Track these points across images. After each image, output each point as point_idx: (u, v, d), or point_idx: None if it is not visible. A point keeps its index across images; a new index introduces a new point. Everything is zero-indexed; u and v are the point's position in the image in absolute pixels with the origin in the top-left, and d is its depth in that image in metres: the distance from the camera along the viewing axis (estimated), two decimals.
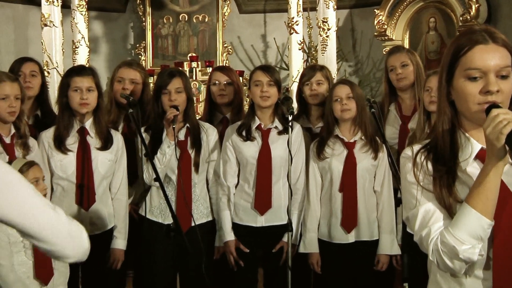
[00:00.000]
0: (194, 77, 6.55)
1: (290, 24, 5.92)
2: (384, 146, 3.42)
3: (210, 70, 5.90)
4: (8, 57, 6.30)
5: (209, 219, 3.56)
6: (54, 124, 3.45)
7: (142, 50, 7.48)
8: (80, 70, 3.45)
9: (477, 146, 1.67)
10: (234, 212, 3.51)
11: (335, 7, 5.81)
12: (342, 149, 3.42)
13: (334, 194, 3.41)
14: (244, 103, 4.08)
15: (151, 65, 7.34)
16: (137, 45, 7.58)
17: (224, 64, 7.05)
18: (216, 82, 3.85)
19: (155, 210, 3.50)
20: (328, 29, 5.75)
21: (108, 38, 7.70)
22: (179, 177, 3.42)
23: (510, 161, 1.60)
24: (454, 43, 1.69)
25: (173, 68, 4.96)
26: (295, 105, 3.91)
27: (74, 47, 6.04)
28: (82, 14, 6.01)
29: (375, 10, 6.69)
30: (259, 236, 3.47)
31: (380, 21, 6.62)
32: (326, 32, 5.74)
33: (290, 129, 3.30)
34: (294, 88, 5.26)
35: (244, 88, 4.64)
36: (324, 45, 5.78)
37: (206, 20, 7.49)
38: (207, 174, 3.59)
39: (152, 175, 3.23)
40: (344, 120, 3.42)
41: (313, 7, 6.23)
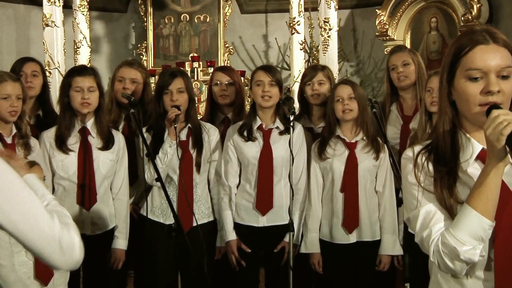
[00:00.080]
0: (195, 77, 6.54)
1: (291, 24, 5.91)
2: (385, 146, 3.42)
3: (211, 70, 5.90)
4: (9, 57, 6.30)
5: (210, 219, 3.56)
6: (55, 124, 3.46)
7: (144, 50, 7.47)
8: (82, 70, 3.45)
9: (478, 147, 1.67)
10: (236, 212, 3.51)
11: (337, 7, 5.80)
12: (343, 149, 3.42)
13: (336, 194, 3.41)
14: (246, 103, 4.08)
15: (152, 65, 7.32)
16: (139, 45, 7.56)
17: (225, 64, 7.03)
18: (218, 82, 3.85)
19: (156, 210, 3.50)
20: (330, 29, 5.74)
21: (110, 38, 7.69)
22: (180, 177, 3.42)
23: (510, 161, 1.60)
24: (455, 44, 1.70)
25: (174, 68, 4.96)
26: (296, 105, 3.91)
27: (75, 47, 6.03)
28: (83, 14, 6.00)
29: (376, 10, 6.68)
30: (261, 236, 3.47)
31: (382, 21, 6.61)
32: (328, 32, 5.73)
33: (291, 129, 3.30)
34: (296, 88, 5.25)
35: (246, 88, 4.64)
36: (326, 45, 5.76)
37: (208, 20, 7.48)
38: (209, 174, 3.59)
39: (154, 175, 3.24)
40: (345, 121, 3.42)
41: (315, 7, 6.22)
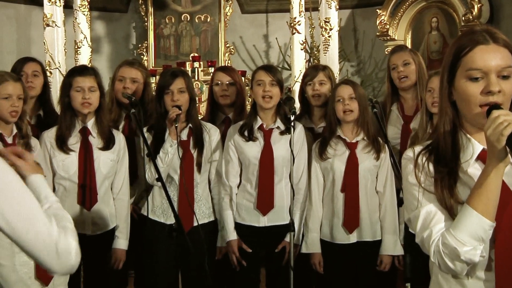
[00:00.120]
0: (196, 77, 6.54)
1: (292, 24, 5.92)
2: (386, 147, 3.42)
3: (212, 70, 5.91)
4: (10, 57, 6.30)
5: (211, 219, 3.56)
6: (56, 124, 3.46)
7: (144, 50, 7.47)
8: (82, 70, 3.45)
9: (478, 147, 1.67)
10: (237, 212, 3.51)
11: (337, 7, 5.81)
12: (344, 149, 3.42)
13: (336, 194, 3.41)
14: (246, 103, 4.08)
15: (153, 65, 7.33)
16: (139, 45, 7.57)
17: (226, 64, 7.04)
18: (219, 82, 3.85)
19: (157, 210, 3.50)
20: (330, 29, 5.74)
21: (110, 38, 7.70)
22: (181, 177, 3.42)
23: (511, 162, 1.59)
24: (455, 44, 1.69)
25: (175, 68, 4.96)
26: (297, 105, 3.91)
27: (76, 47, 6.04)
28: (84, 14, 6.01)
29: (377, 10, 6.68)
30: (262, 236, 3.47)
31: (382, 21, 6.61)
32: (328, 32, 5.73)
33: (292, 129, 3.30)
34: (296, 88, 5.26)
35: (246, 88, 4.63)
36: (326, 45, 5.77)
37: (208, 20, 7.48)
38: (209, 174, 3.59)
39: (155, 174, 3.23)
40: (346, 121, 3.41)
41: (315, 7, 6.23)
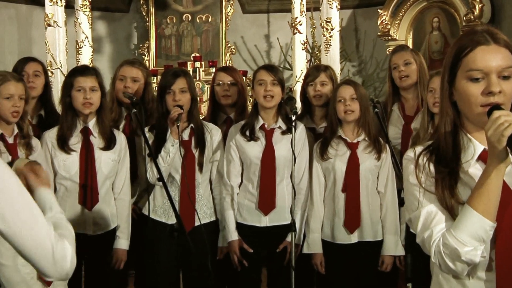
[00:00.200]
0: (197, 77, 6.55)
1: (293, 24, 5.93)
2: (387, 147, 3.42)
3: (213, 70, 5.91)
4: (11, 57, 6.31)
5: (212, 219, 3.56)
6: (57, 124, 3.46)
7: (146, 50, 7.48)
8: (84, 70, 3.45)
9: (479, 148, 1.67)
10: (238, 212, 3.51)
11: (339, 7, 5.81)
12: (345, 149, 3.42)
13: (337, 194, 3.41)
14: (248, 103, 4.08)
15: (154, 65, 7.33)
16: (141, 45, 7.58)
17: (227, 64, 7.04)
18: (220, 82, 3.84)
19: (158, 209, 3.50)
20: (332, 29, 5.75)
21: (112, 38, 7.71)
22: (183, 176, 3.42)
23: None
24: (455, 44, 1.69)
25: (177, 68, 4.96)
26: (298, 105, 3.91)
27: (77, 47, 6.05)
28: (85, 14, 6.02)
29: (378, 10, 6.68)
30: (263, 236, 3.47)
31: (384, 21, 6.61)
32: (330, 32, 5.74)
33: (293, 129, 3.30)
34: (298, 88, 5.26)
35: (248, 88, 4.63)
36: (328, 45, 5.78)
37: (210, 20, 7.49)
38: (211, 174, 3.59)
39: (156, 174, 3.24)
40: (347, 121, 3.41)
41: (317, 7, 6.23)
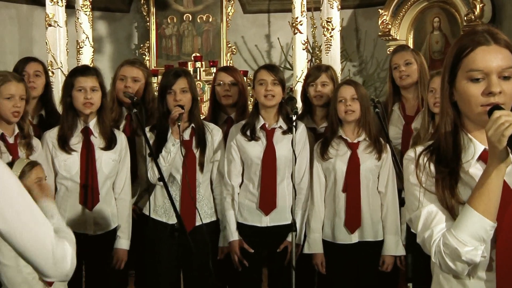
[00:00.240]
0: (198, 77, 6.55)
1: (294, 24, 5.93)
2: (388, 147, 3.42)
3: (214, 70, 5.91)
4: (12, 57, 6.32)
5: (213, 219, 3.55)
6: (58, 124, 3.46)
7: (146, 50, 7.48)
8: (84, 70, 3.46)
9: (480, 147, 1.67)
10: (239, 212, 3.51)
11: (339, 7, 5.81)
12: (345, 149, 3.42)
13: (338, 194, 3.41)
14: (249, 103, 4.08)
15: (155, 65, 7.34)
16: (141, 45, 7.58)
17: (228, 64, 7.04)
18: (221, 82, 3.84)
19: (159, 209, 3.50)
20: (332, 29, 5.75)
21: (112, 38, 7.71)
22: (184, 176, 3.42)
23: None
24: (456, 45, 1.69)
25: (178, 68, 4.96)
26: (299, 105, 3.91)
27: (78, 47, 6.06)
28: (86, 14, 6.03)
29: (379, 10, 6.68)
30: (264, 236, 3.47)
31: (384, 21, 6.61)
32: (330, 32, 5.74)
33: (294, 129, 3.30)
34: (298, 88, 5.26)
35: (248, 88, 4.63)
36: (328, 45, 5.78)
37: (210, 20, 7.49)
38: (212, 174, 3.59)
39: (157, 174, 3.24)
40: (348, 121, 3.41)
41: (317, 7, 6.23)
